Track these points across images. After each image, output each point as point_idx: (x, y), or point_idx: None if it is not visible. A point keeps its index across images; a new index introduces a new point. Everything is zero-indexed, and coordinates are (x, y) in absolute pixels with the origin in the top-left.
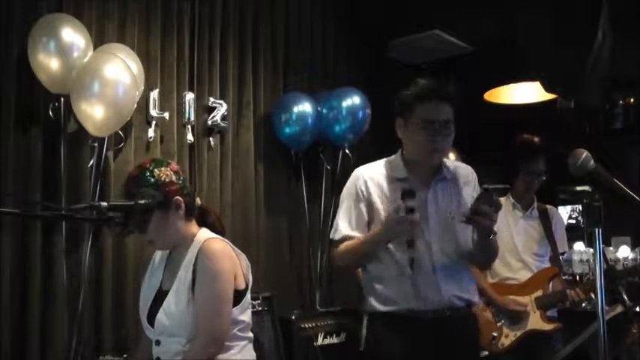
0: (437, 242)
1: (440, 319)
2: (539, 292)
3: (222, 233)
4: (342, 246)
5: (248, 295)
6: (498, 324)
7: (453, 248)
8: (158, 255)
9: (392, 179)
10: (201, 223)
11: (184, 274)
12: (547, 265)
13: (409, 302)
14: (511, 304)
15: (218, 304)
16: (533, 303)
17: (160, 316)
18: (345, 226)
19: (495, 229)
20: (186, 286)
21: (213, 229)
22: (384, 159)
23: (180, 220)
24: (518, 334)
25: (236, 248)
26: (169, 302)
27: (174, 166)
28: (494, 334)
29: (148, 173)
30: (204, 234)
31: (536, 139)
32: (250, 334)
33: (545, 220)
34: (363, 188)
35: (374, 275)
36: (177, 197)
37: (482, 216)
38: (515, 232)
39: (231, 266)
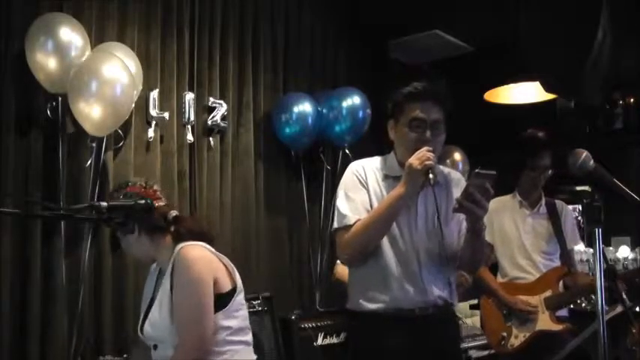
0: (423, 243)
1: (425, 317)
2: (548, 292)
3: (204, 235)
4: (353, 228)
5: (237, 298)
6: (507, 324)
7: (438, 250)
8: (154, 264)
9: (386, 176)
10: (177, 233)
11: (165, 283)
12: (557, 263)
13: (396, 302)
14: (520, 304)
15: (195, 313)
16: (542, 303)
17: (146, 325)
18: (352, 210)
19: (485, 221)
20: (166, 296)
21: (192, 236)
22: (379, 156)
23: (145, 239)
24: (528, 334)
25: (216, 251)
26: (154, 311)
27: (133, 187)
28: (504, 334)
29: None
30: (182, 242)
31: (540, 134)
32: (246, 338)
33: (554, 217)
34: (363, 175)
35: (362, 274)
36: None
37: (473, 203)
38: (523, 230)
39: (209, 271)
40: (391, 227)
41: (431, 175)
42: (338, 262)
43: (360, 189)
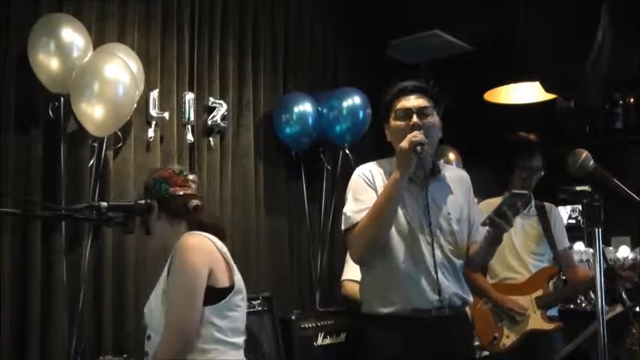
0: (437, 241)
1: (441, 317)
2: (539, 292)
3: (215, 228)
4: (359, 223)
5: (233, 299)
6: (499, 324)
7: (450, 247)
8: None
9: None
10: (190, 223)
11: (165, 269)
12: (547, 264)
13: (412, 302)
14: (510, 303)
15: (182, 297)
16: (533, 303)
17: (146, 308)
18: (359, 210)
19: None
20: (163, 281)
21: (202, 226)
22: (383, 159)
23: (166, 223)
24: (519, 334)
25: (220, 245)
26: (152, 297)
27: (164, 171)
28: (495, 334)
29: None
30: (189, 232)
31: (531, 136)
32: (235, 340)
33: (544, 218)
34: (370, 177)
35: (375, 276)
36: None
37: (504, 219)
38: (513, 231)
39: (205, 260)
40: (403, 225)
41: (418, 148)
42: (345, 277)
43: (368, 190)
